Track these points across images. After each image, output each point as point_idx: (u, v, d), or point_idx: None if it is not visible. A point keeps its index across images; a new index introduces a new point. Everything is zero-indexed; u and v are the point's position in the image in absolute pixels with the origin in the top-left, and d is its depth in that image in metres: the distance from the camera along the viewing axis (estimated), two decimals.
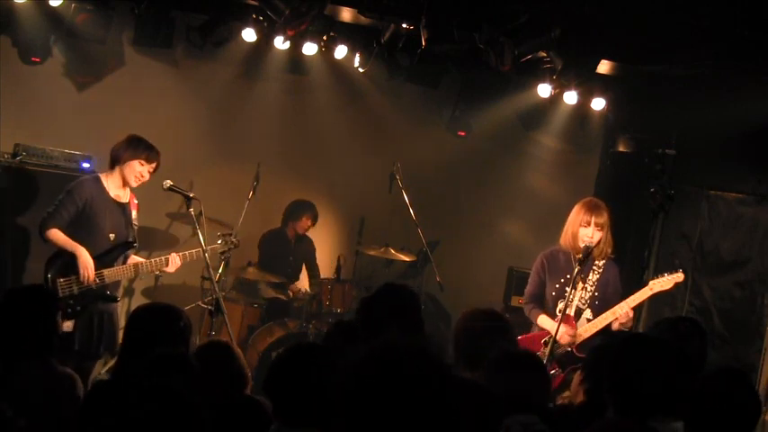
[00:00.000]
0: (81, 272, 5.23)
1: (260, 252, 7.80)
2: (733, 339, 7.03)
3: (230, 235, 5.88)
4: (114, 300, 5.49)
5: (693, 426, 3.12)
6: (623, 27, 6.12)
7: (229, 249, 5.84)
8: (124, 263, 5.55)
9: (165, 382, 2.91)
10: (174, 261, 5.65)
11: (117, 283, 5.57)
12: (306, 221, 7.84)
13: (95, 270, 5.30)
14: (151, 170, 5.48)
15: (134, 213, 5.60)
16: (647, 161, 7.58)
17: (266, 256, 7.74)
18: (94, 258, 5.31)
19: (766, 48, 5.73)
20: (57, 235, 5.28)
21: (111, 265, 5.42)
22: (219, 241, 5.79)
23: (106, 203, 5.43)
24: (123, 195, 5.54)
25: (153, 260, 5.67)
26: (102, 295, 5.38)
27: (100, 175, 5.53)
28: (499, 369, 3.28)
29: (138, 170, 5.43)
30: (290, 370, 3.03)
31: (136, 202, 5.62)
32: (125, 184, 5.49)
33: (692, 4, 5.73)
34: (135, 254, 5.71)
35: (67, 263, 5.26)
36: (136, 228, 5.59)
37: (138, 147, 5.43)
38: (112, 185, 5.48)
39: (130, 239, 5.54)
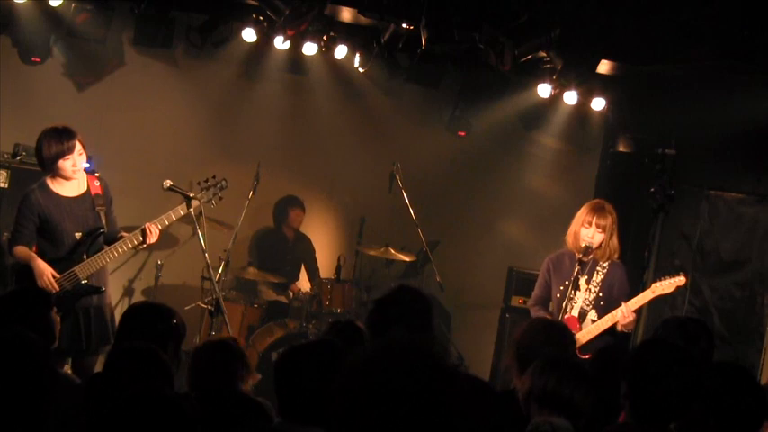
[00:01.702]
0: (38, 281, 5.08)
1: (257, 251, 7.79)
2: (733, 339, 7.02)
3: (212, 178, 5.60)
4: (99, 290, 5.28)
5: (690, 424, 3.08)
6: (623, 27, 6.13)
7: (215, 195, 5.59)
8: None
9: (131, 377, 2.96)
10: (151, 231, 5.30)
11: (100, 274, 5.32)
12: (296, 214, 7.81)
13: (66, 270, 5.17)
14: (80, 153, 5.18)
15: (98, 198, 5.29)
16: (647, 161, 7.56)
17: (264, 254, 7.74)
18: (63, 260, 5.19)
19: (766, 48, 5.73)
20: (19, 252, 5.19)
21: (82, 260, 5.21)
22: (201, 192, 5.49)
23: (60, 205, 5.22)
24: (76, 188, 5.29)
25: (127, 237, 5.29)
26: (81, 293, 5.23)
27: (46, 178, 5.26)
28: (545, 370, 3.27)
29: (68, 164, 5.16)
30: (297, 366, 3.02)
31: (97, 184, 5.34)
32: (68, 178, 5.24)
33: (692, 4, 5.74)
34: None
35: (32, 276, 5.13)
36: (101, 210, 5.28)
37: (50, 147, 5.11)
38: (59, 185, 5.24)
39: (97, 226, 5.26)
